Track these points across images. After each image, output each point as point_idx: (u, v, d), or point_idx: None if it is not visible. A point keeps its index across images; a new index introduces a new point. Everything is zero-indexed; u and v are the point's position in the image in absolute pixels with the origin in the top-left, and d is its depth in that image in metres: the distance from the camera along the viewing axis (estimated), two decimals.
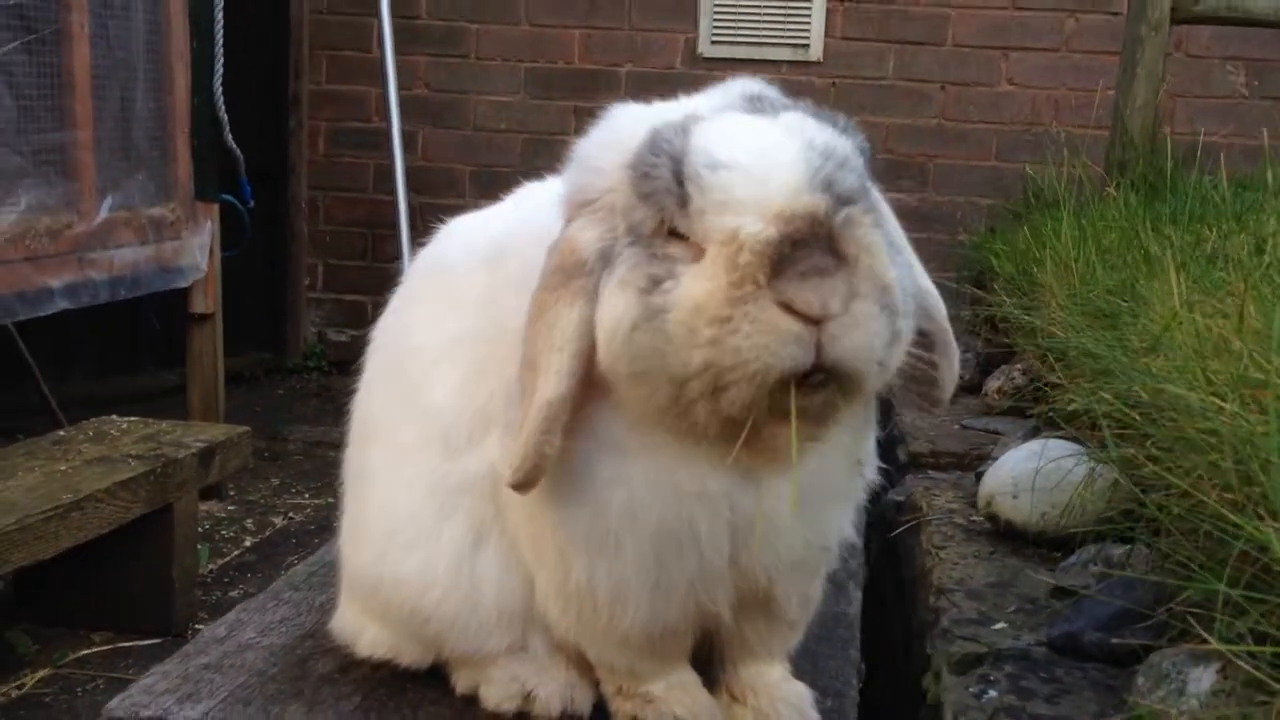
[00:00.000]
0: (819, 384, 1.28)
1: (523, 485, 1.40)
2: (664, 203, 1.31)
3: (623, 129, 1.41)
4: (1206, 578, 1.50)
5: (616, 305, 1.33)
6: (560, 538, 1.50)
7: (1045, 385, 2.64)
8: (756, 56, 6.73)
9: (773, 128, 1.33)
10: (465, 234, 1.72)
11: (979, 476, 2.72)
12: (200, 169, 5.20)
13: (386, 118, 6.24)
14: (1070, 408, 2.04)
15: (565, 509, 1.47)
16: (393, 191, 6.19)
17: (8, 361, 5.21)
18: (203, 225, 5.25)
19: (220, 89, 5.26)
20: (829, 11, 6.76)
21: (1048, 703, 1.81)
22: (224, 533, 5.11)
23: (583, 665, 1.65)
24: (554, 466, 1.43)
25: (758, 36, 6.78)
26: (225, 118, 5.30)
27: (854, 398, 1.34)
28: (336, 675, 1.71)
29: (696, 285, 1.27)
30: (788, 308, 1.23)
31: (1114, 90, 5.25)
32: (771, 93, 1.46)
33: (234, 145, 5.34)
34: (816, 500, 1.52)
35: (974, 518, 2.67)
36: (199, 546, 4.56)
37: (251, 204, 5.70)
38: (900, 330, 1.31)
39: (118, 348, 6.44)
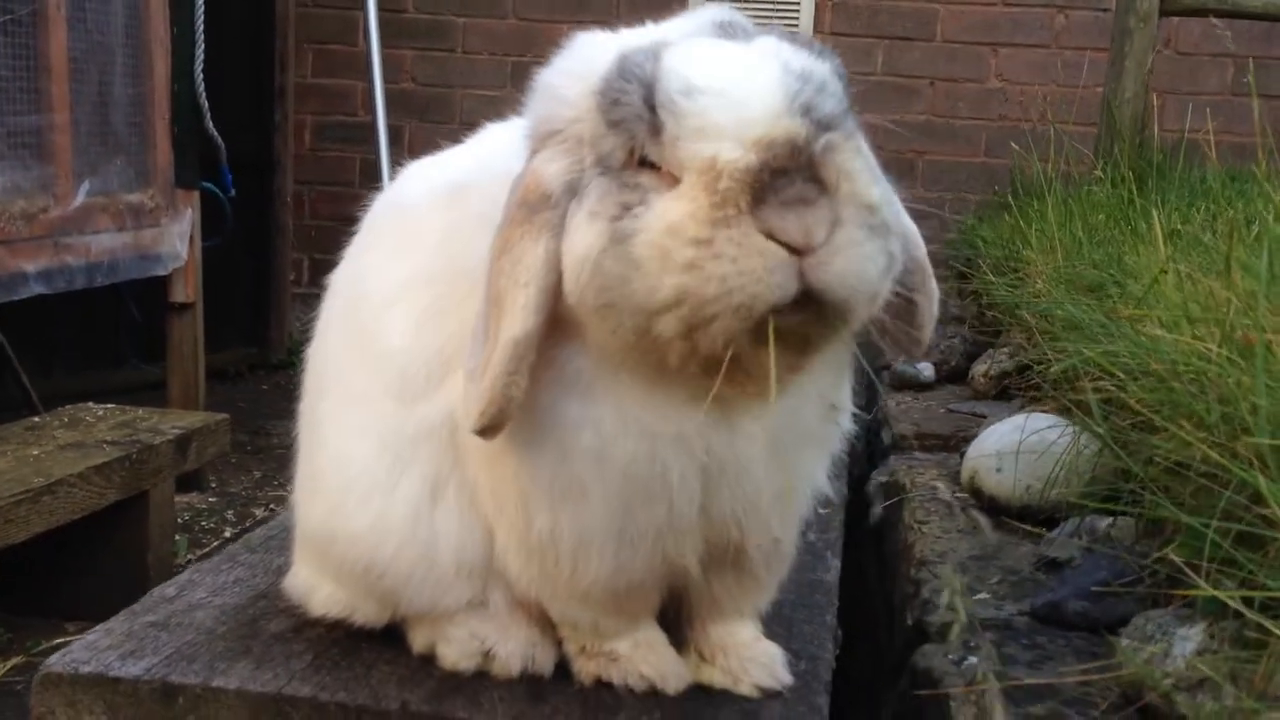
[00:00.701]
0: (798, 308, 1.22)
1: (487, 430, 1.34)
2: (635, 130, 1.26)
3: (589, 57, 1.36)
4: (1194, 525, 1.45)
5: (585, 235, 1.27)
6: (523, 484, 1.44)
7: (1030, 363, 2.59)
8: None
9: (748, 52, 1.28)
10: (423, 175, 1.66)
11: (963, 454, 2.66)
12: (181, 156, 5.13)
13: (372, 111, 6.19)
14: (1054, 370, 1.98)
15: (528, 453, 1.42)
16: (379, 185, 6.14)
17: None
18: (183, 213, 5.18)
19: (201, 76, 5.20)
20: (817, 6, 6.72)
21: (1029, 669, 1.76)
22: (204, 524, 5.04)
23: (545, 623, 1.59)
24: (518, 410, 1.37)
25: None
26: (206, 105, 5.24)
27: (841, 326, 1.29)
28: (289, 634, 1.65)
29: (673, 207, 1.22)
30: (771, 237, 1.18)
31: (1103, 85, 5.22)
32: (742, 19, 1.40)
33: (215, 133, 5.29)
34: (790, 444, 1.46)
35: (958, 494, 2.61)
36: (177, 537, 4.49)
37: (233, 193, 5.65)
38: (893, 251, 1.26)
39: (100, 342, 6.37)
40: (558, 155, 1.34)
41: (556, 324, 1.34)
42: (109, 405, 4.56)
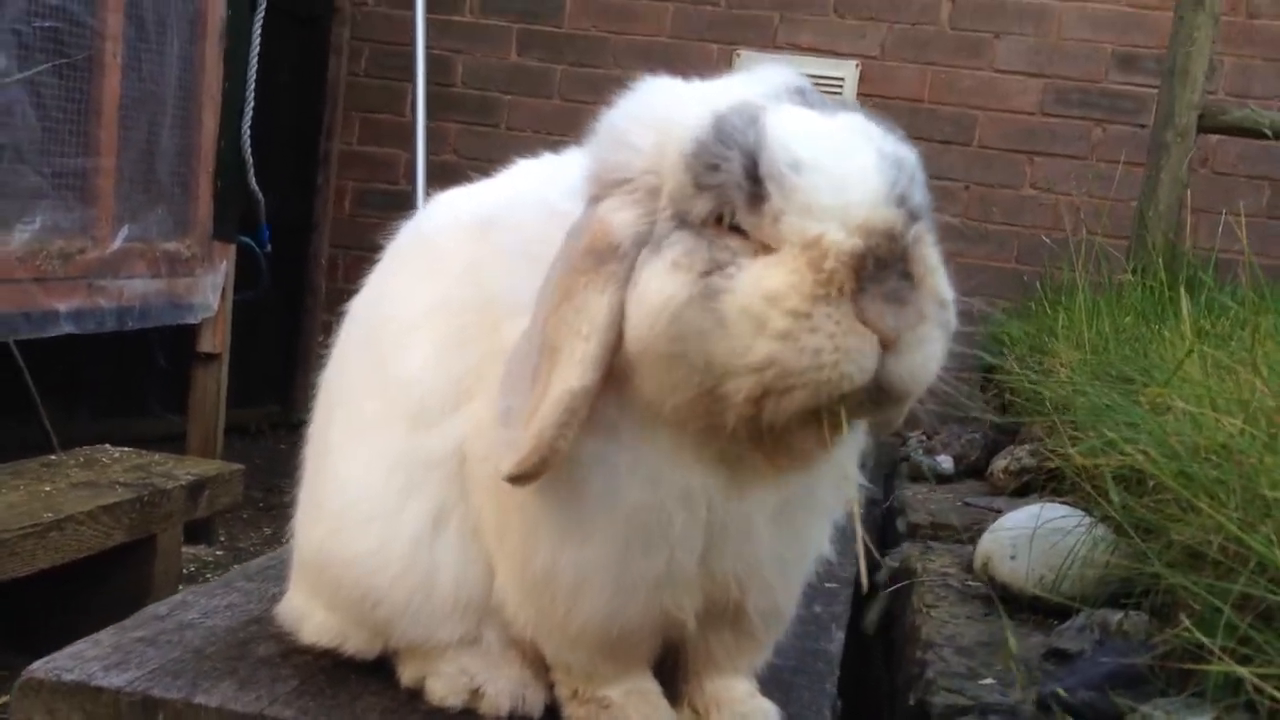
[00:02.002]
0: (865, 400, 1.24)
1: (524, 478, 1.32)
2: (730, 197, 1.26)
3: (661, 106, 1.36)
4: (1211, 601, 1.41)
5: (666, 284, 1.27)
6: (528, 518, 1.43)
7: (1050, 454, 2.55)
8: None
9: (843, 129, 1.30)
10: (451, 206, 1.67)
11: (976, 542, 2.62)
12: (221, 209, 5.20)
13: (413, 181, 6.26)
14: (1074, 451, 1.95)
15: (540, 489, 1.40)
16: None
17: (13, 395, 5.15)
18: (218, 265, 5.23)
19: (248, 132, 5.29)
20: (858, 105, 6.80)
21: None
22: (209, 576, 5.00)
23: (538, 665, 1.56)
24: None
25: None
26: (251, 161, 5.32)
27: (890, 414, 1.31)
28: (277, 659, 1.63)
29: (773, 275, 1.22)
30: (866, 323, 1.21)
31: (1138, 199, 5.23)
32: (808, 85, 1.42)
33: (256, 189, 5.36)
34: (797, 511, 1.46)
35: (969, 582, 2.57)
36: (180, 587, 4.46)
37: (269, 248, 5.70)
38: (949, 349, 1.30)
39: (127, 389, 6.40)
40: (627, 204, 1.34)
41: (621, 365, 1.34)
42: (126, 449, 4.57)
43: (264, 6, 5.34)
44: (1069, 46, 6.70)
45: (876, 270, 1.21)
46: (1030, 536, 2.33)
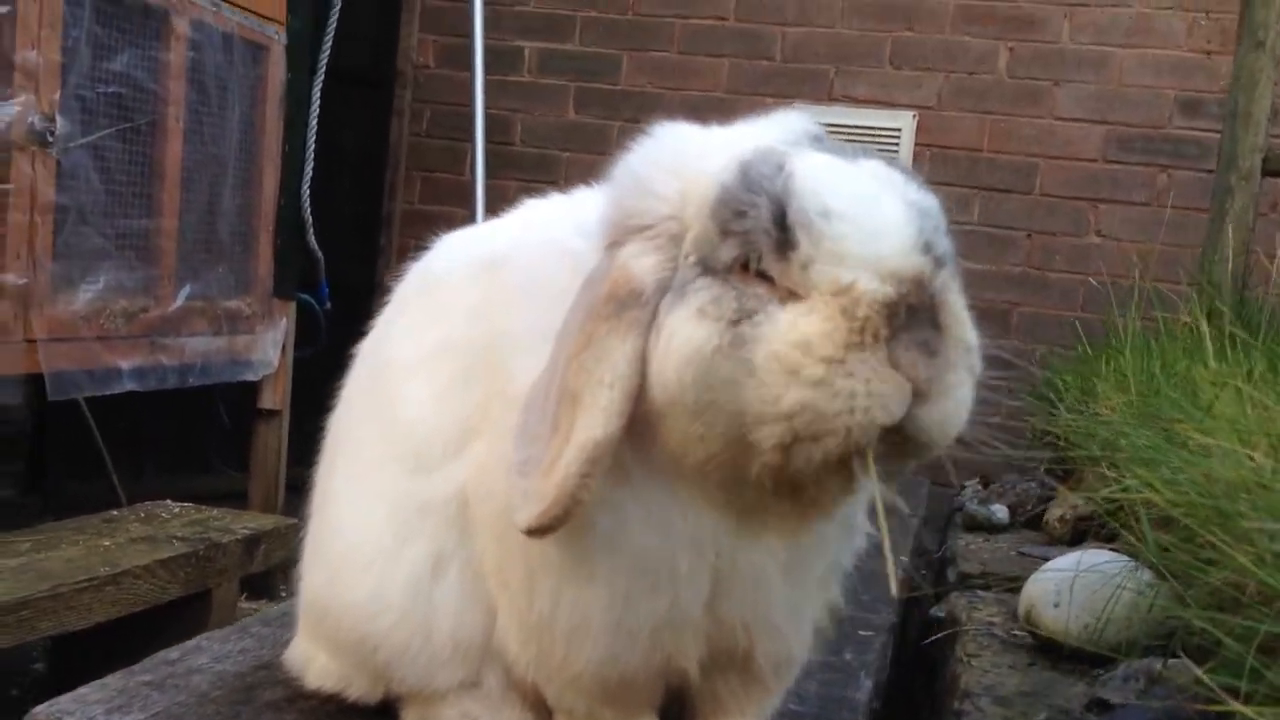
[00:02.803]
0: (893, 448, 1.23)
1: (544, 530, 1.30)
2: (757, 243, 1.25)
3: (680, 152, 1.36)
4: (1231, 646, 1.35)
5: (695, 333, 1.26)
6: (531, 559, 1.41)
7: (1089, 498, 2.48)
8: None
9: (870, 178, 1.29)
10: (459, 246, 1.68)
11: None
12: (281, 267, 5.29)
13: None
14: (1105, 494, 1.89)
15: None
16: None
17: (84, 453, 5.26)
18: (278, 322, 5.32)
19: (308, 192, 5.40)
20: (915, 155, 6.76)
21: None
22: None
23: (540, 708, 1.54)
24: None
25: None
26: (310, 220, 5.42)
27: (917, 461, 1.29)
28: (282, 703, 1.62)
29: (804, 324, 1.22)
30: (898, 369, 1.20)
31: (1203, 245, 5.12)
32: (824, 133, 1.41)
33: (316, 248, 5.44)
34: (809, 558, 1.43)
35: (1015, 631, 2.49)
36: None
37: (329, 306, 5.78)
38: (975, 395, 1.29)
39: (192, 448, 6.50)
40: (648, 250, 1.33)
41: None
42: (186, 504, 4.63)
43: (324, 71, 5.46)
44: (1130, 93, 6.62)
45: (908, 318, 1.20)
46: (1071, 583, 2.25)
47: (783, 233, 1.24)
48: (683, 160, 1.33)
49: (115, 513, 4.46)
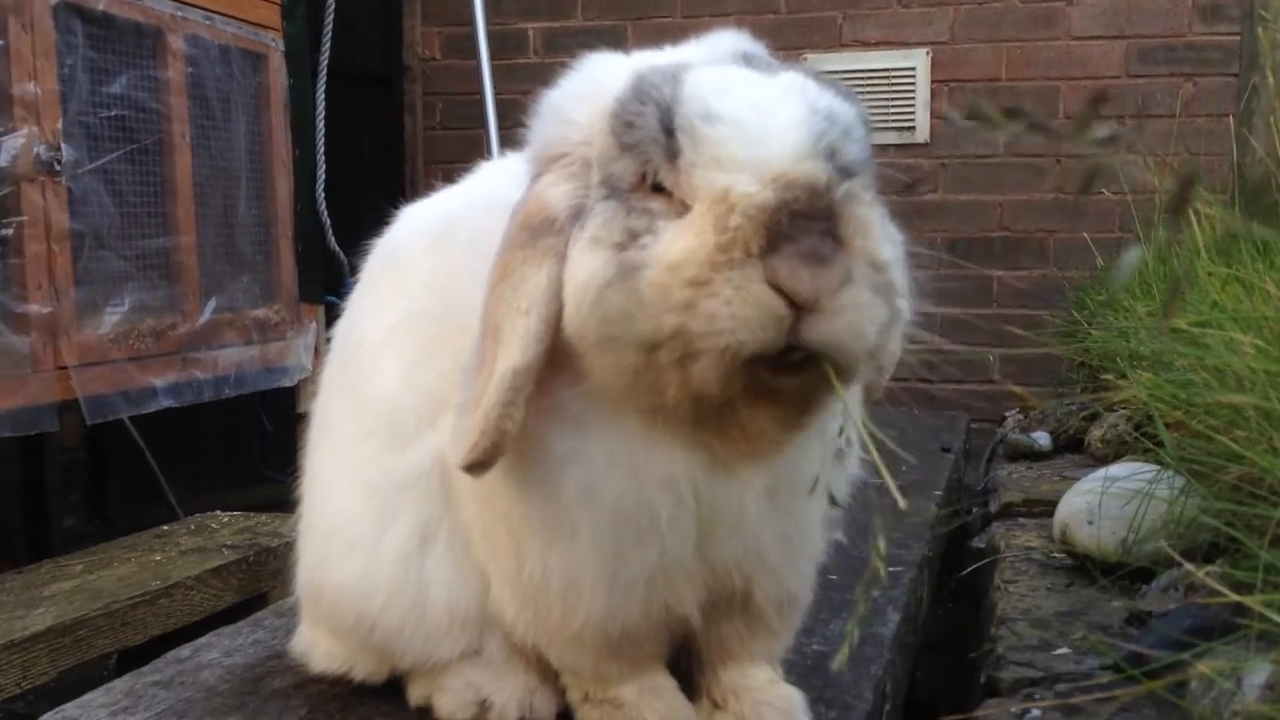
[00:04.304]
0: (798, 364, 1.16)
1: (476, 466, 1.28)
2: (649, 154, 1.21)
3: (599, 79, 1.32)
4: (1246, 544, 1.29)
5: (588, 263, 1.22)
6: (513, 523, 1.38)
7: (1112, 406, 2.41)
8: None
9: (772, 83, 1.23)
10: (416, 217, 1.64)
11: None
12: (304, 272, 5.31)
13: None
14: (1117, 399, 1.83)
15: (518, 491, 1.36)
16: None
17: (142, 478, 5.31)
18: (307, 326, 5.33)
19: (323, 195, 5.40)
20: (934, 92, 6.64)
21: None
22: None
23: (544, 670, 1.51)
24: (510, 445, 1.31)
25: None
26: (328, 222, 5.43)
27: (843, 382, 1.21)
28: (290, 690, 1.61)
29: (678, 241, 1.16)
30: (776, 286, 1.12)
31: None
32: (763, 51, 1.36)
33: (338, 248, 5.45)
34: (794, 491, 1.37)
35: (1053, 554, 2.43)
36: None
37: None
38: (899, 309, 1.22)
39: (243, 460, 6.56)
40: (563, 178, 1.30)
41: (551, 354, 1.28)
42: (235, 513, 4.67)
43: (325, 71, 5.45)
44: (1146, 4, 6.45)
45: (793, 227, 1.13)
46: (1100, 498, 2.19)
47: (669, 138, 1.19)
48: (598, 86, 1.29)
49: (166, 527, 4.50)
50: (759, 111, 1.18)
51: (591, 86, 1.31)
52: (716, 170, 1.16)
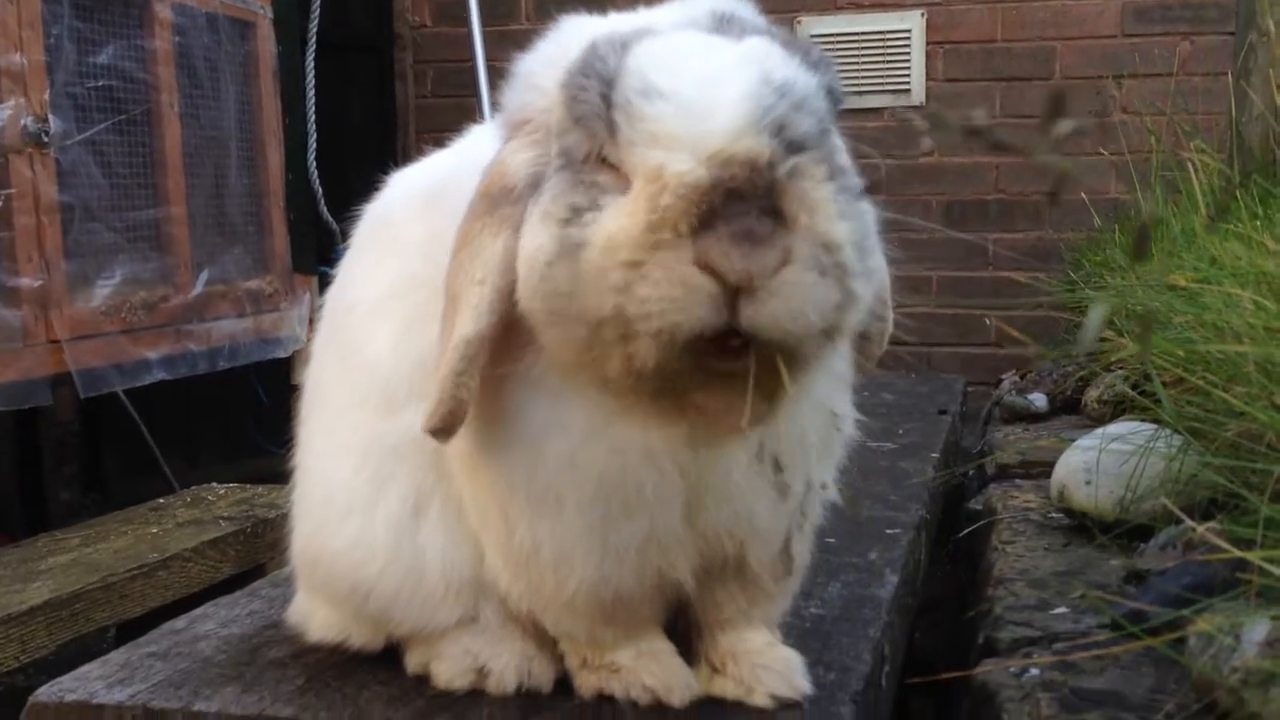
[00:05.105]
0: (740, 349, 1.14)
1: (440, 432, 1.28)
2: (594, 128, 1.18)
3: (565, 44, 1.29)
4: (1245, 496, 1.28)
5: (536, 237, 1.20)
6: (500, 493, 1.37)
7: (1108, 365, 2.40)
8: (857, 105, 6.58)
9: (728, 53, 1.18)
10: (403, 182, 1.62)
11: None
12: (297, 242, 5.28)
13: None
14: (1119, 356, 1.82)
15: (503, 460, 1.35)
16: None
17: (139, 451, 5.30)
18: (301, 297, 5.31)
19: (314, 164, 5.37)
20: (929, 54, 6.59)
21: (1099, 677, 1.58)
22: None
23: (542, 637, 1.50)
24: (492, 415, 1.31)
25: (857, 84, 6.64)
26: (320, 192, 5.39)
27: (794, 366, 1.18)
28: (286, 660, 1.60)
29: (614, 221, 1.14)
30: (706, 267, 1.10)
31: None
32: (745, 12, 1.32)
33: (330, 218, 5.41)
34: (784, 457, 1.35)
35: (1051, 515, 2.42)
36: None
37: None
38: (854, 290, 1.16)
39: (241, 433, 6.55)
40: (526, 146, 1.28)
41: (525, 323, 1.27)
42: (231, 484, 4.66)
43: (314, 40, 5.40)
44: None
45: (728, 206, 1.10)
46: (1106, 458, 2.18)
47: (609, 114, 1.16)
48: (567, 51, 1.25)
49: (162, 500, 4.49)
50: (703, 85, 1.14)
51: (560, 51, 1.28)
52: (653, 147, 1.13)
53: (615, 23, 1.30)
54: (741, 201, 1.10)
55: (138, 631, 3.70)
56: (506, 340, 1.28)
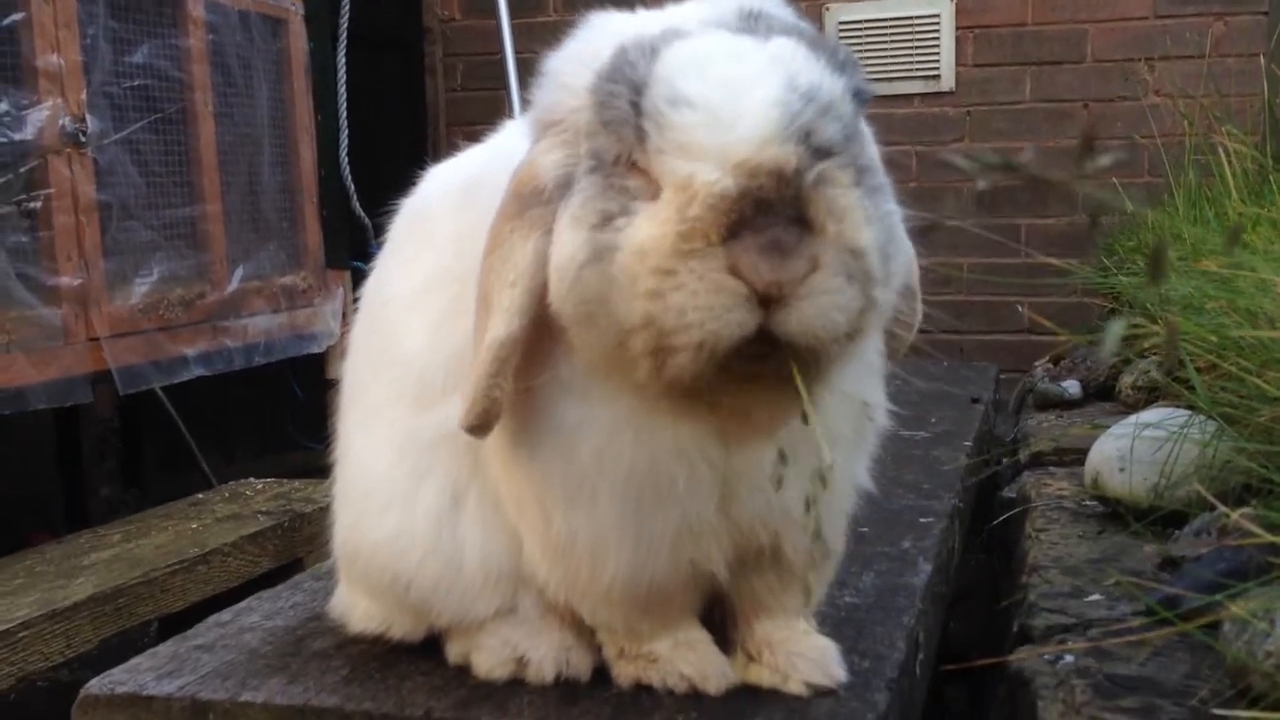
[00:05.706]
0: (766, 352, 1.16)
1: (476, 429, 1.32)
2: (623, 134, 1.20)
3: (597, 43, 1.29)
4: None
5: (569, 241, 1.22)
6: (536, 486, 1.39)
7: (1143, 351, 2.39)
8: (887, 91, 6.56)
9: (754, 57, 1.19)
10: (440, 176, 1.65)
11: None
12: (330, 238, 5.32)
13: None
14: (1149, 344, 1.82)
15: (537, 455, 1.37)
16: None
17: (178, 447, 5.36)
18: (335, 292, 5.36)
19: (346, 161, 5.40)
20: (958, 40, 6.56)
21: (1134, 664, 1.59)
22: None
23: (580, 627, 1.52)
24: (525, 411, 1.33)
25: (887, 71, 6.62)
26: (353, 188, 5.43)
27: (818, 370, 1.20)
28: (330, 651, 1.63)
29: (645, 228, 1.16)
30: (737, 274, 1.12)
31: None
32: (774, 9, 1.32)
33: (362, 214, 5.46)
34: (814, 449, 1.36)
35: (1085, 502, 2.43)
36: None
37: None
38: (876, 298, 1.18)
39: (277, 428, 6.61)
40: (556, 146, 1.29)
41: (553, 322, 1.29)
42: (269, 479, 4.71)
43: (345, 36, 5.44)
44: None
45: (756, 216, 1.11)
46: (1141, 445, 2.18)
47: (639, 121, 1.17)
48: (596, 50, 1.26)
49: (201, 496, 4.55)
50: (730, 92, 1.15)
51: (590, 51, 1.29)
52: (681, 157, 1.14)
53: (643, 22, 1.31)
54: (769, 211, 1.12)
55: (179, 625, 3.76)
56: (539, 341, 1.31)
